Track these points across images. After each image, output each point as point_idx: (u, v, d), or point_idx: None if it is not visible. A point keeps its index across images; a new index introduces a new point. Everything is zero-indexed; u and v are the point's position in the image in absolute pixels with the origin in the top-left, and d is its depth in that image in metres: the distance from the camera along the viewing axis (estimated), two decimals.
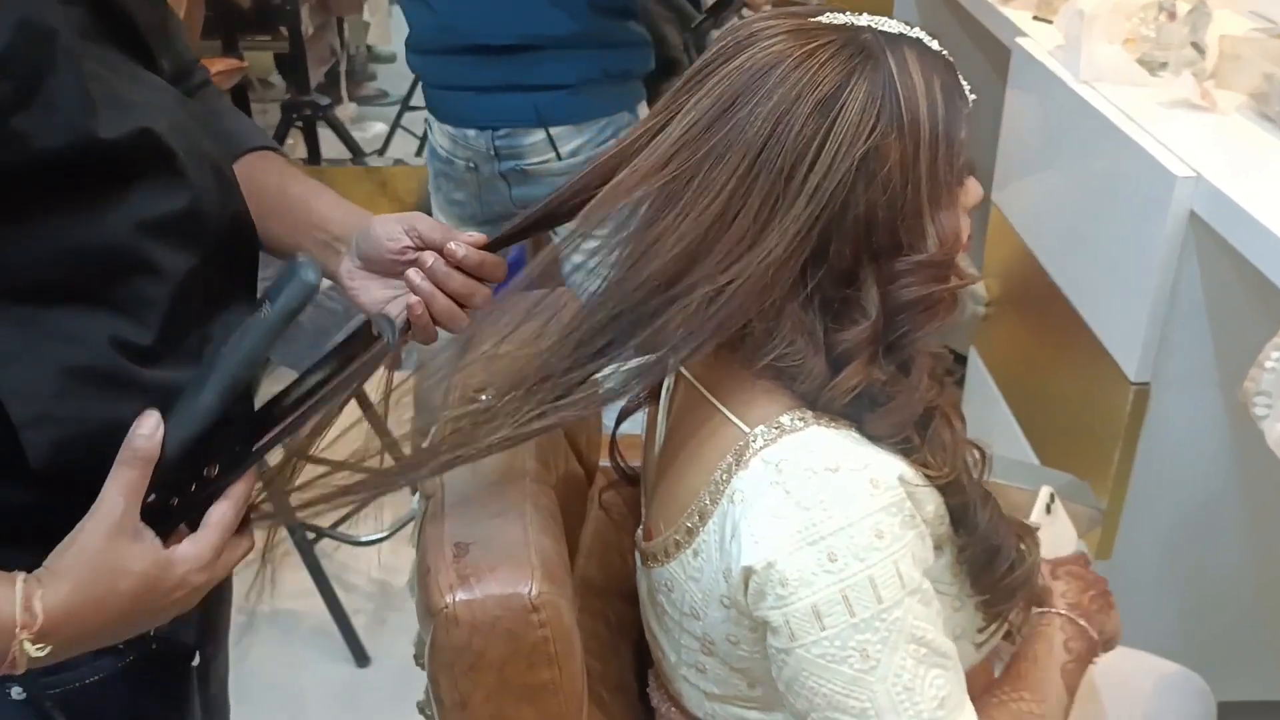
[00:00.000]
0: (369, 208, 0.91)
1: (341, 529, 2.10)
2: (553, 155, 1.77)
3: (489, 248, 0.83)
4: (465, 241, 0.82)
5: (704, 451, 0.79)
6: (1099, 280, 1.45)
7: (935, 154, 0.74)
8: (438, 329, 0.83)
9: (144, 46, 0.78)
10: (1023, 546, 0.84)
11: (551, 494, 0.82)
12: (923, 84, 0.74)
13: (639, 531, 0.90)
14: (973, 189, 0.79)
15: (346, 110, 4.04)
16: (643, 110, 1.85)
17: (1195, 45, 1.53)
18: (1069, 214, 1.50)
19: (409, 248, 0.83)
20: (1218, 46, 1.50)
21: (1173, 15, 1.57)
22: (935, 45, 0.77)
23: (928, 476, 0.76)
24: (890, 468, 0.74)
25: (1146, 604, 1.51)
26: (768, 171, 0.72)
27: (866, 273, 0.75)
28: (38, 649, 0.63)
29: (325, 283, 2.19)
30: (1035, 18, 1.79)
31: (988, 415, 1.79)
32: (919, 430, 0.76)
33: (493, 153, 1.78)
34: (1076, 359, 1.49)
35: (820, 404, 0.76)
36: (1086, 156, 1.48)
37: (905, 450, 0.76)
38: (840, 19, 0.77)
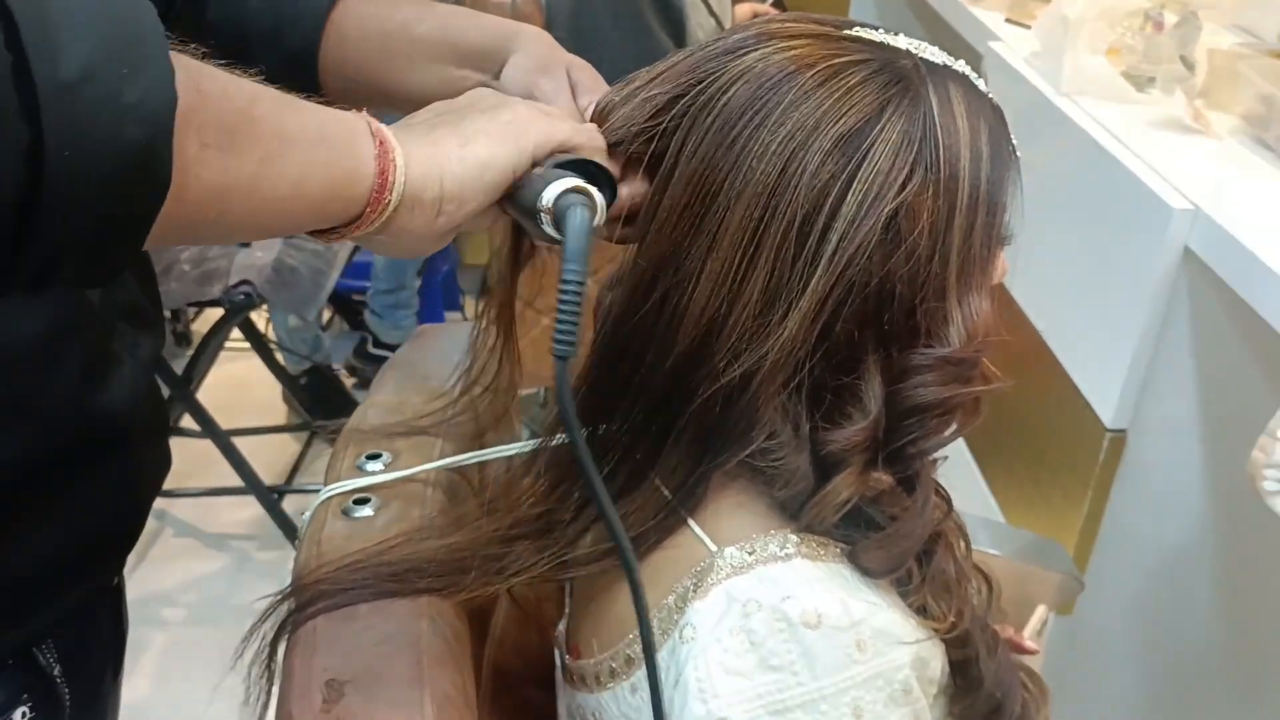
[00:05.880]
0: None
1: None
2: None
3: None
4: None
5: (656, 563, 0.63)
6: (1077, 318, 1.32)
7: (973, 220, 0.59)
8: None
9: None
10: (1028, 695, 0.69)
11: (450, 603, 0.66)
12: (967, 130, 0.58)
13: (560, 633, 0.74)
14: (1000, 265, 0.64)
15: None
16: None
17: (1184, 60, 1.41)
18: (1046, 242, 1.37)
19: None
20: (1206, 62, 1.38)
21: (1160, 26, 1.45)
22: (983, 85, 0.62)
23: (928, 627, 0.60)
24: (884, 627, 0.58)
25: (1110, 667, 1.40)
26: (777, 225, 0.56)
27: (871, 361, 0.59)
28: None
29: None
30: (1008, 20, 1.66)
31: (949, 463, 1.66)
32: (918, 563, 0.61)
33: None
34: (1048, 403, 1.36)
35: (804, 519, 0.60)
36: (1069, 180, 1.35)
37: (901, 590, 0.61)
38: (875, 35, 0.61)
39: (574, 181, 0.57)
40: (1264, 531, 1.03)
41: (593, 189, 0.57)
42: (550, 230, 0.57)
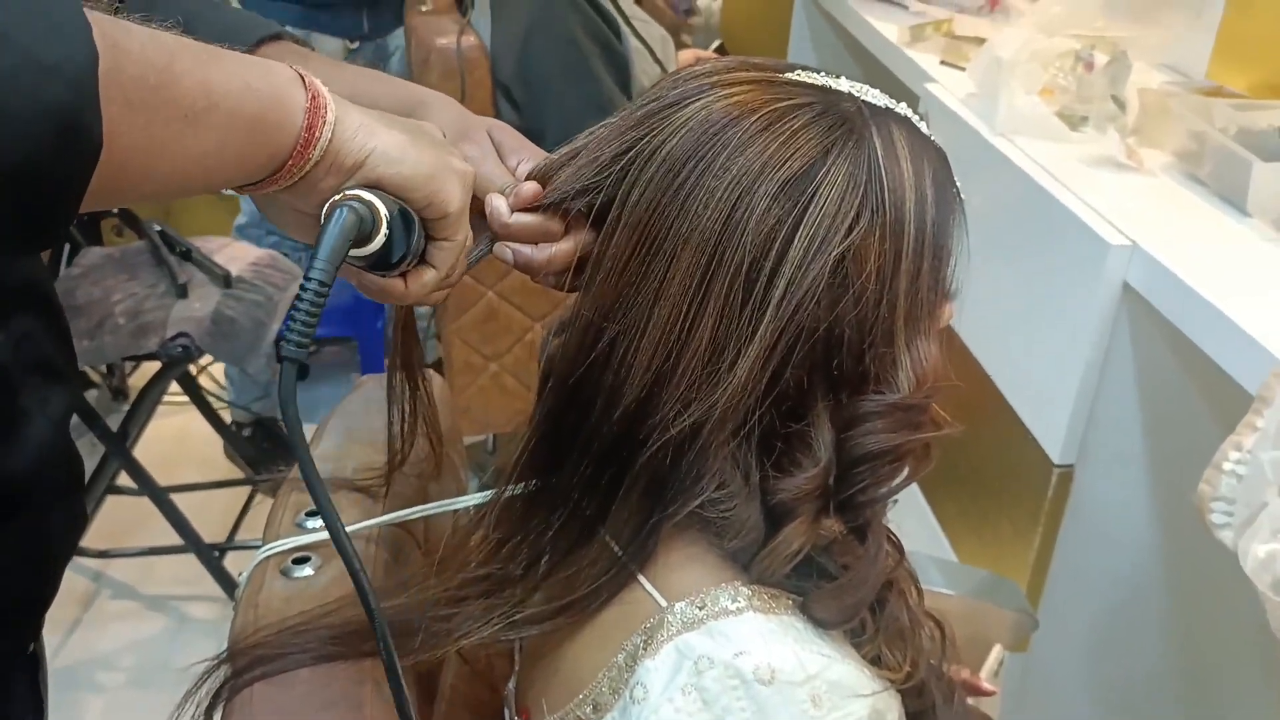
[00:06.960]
0: None
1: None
2: None
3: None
4: (517, 197, 0.63)
5: (607, 620, 0.61)
6: (1021, 355, 1.33)
7: (920, 265, 0.58)
8: None
9: None
10: None
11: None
12: (912, 173, 0.58)
13: (510, 692, 0.72)
14: (947, 309, 0.64)
15: None
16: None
17: (1116, 99, 1.43)
18: (988, 281, 1.39)
19: None
20: (1137, 101, 1.41)
21: (1091, 66, 1.48)
22: (925, 128, 0.62)
23: (884, 677, 0.59)
24: (839, 680, 0.56)
25: (1064, 702, 1.39)
26: (724, 271, 0.56)
27: (820, 408, 0.58)
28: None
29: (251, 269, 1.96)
30: (943, 62, 1.68)
31: (900, 503, 1.65)
32: (871, 612, 0.60)
33: None
34: (996, 440, 1.37)
35: (755, 571, 0.59)
36: (1007, 218, 1.37)
37: (854, 640, 0.60)
38: (817, 78, 0.61)
39: (368, 195, 0.54)
40: (1212, 563, 1.04)
41: (381, 209, 0.54)
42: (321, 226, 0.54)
